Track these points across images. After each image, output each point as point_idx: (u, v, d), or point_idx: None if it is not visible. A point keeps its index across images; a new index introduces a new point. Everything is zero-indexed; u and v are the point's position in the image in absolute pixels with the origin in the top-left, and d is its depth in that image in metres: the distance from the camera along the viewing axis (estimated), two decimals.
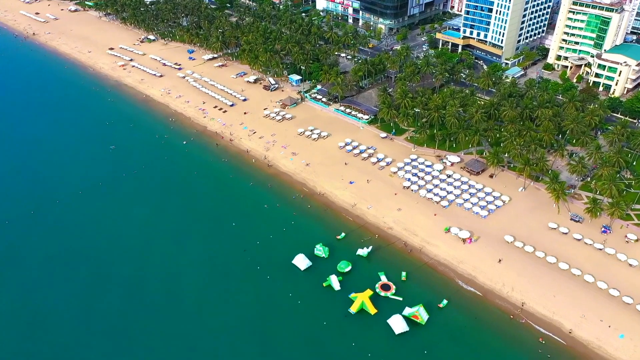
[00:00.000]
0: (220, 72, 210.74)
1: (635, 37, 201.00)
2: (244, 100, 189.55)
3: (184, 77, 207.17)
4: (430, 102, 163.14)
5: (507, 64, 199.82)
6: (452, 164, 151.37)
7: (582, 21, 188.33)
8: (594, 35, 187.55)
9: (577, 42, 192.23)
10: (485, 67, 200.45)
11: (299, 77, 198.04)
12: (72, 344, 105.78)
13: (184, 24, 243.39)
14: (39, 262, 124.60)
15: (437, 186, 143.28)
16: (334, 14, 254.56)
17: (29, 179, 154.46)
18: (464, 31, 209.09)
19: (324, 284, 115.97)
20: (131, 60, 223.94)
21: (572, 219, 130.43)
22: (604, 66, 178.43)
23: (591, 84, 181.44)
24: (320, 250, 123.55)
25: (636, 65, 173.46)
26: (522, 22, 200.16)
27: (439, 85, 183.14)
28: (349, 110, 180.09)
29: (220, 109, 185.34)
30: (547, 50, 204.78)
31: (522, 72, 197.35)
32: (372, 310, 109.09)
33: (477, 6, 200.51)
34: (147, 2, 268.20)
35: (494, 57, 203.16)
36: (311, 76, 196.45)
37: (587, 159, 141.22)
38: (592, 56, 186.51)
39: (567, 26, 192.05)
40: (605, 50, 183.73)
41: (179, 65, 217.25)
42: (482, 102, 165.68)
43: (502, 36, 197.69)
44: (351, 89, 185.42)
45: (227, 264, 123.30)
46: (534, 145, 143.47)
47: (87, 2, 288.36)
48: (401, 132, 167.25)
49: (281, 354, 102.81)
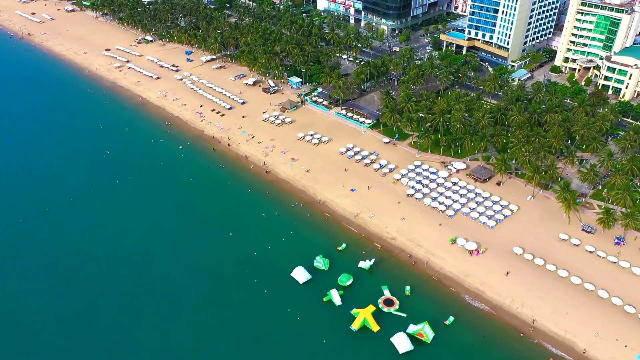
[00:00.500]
0: (218, 74, 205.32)
1: None
2: (243, 103, 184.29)
3: (182, 79, 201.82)
4: (434, 106, 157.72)
5: (513, 66, 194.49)
6: (458, 171, 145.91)
7: (590, 22, 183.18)
8: (603, 36, 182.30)
9: (585, 44, 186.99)
10: (490, 69, 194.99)
11: (299, 80, 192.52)
12: (66, 357, 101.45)
13: (182, 25, 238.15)
14: (28, 274, 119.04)
15: (442, 194, 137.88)
16: (336, 14, 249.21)
17: (18, 186, 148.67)
18: (469, 32, 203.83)
19: (325, 299, 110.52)
20: (127, 61, 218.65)
21: (583, 230, 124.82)
22: (614, 69, 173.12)
23: (600, 87, 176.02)
24: (320, 262, 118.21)
25: None
26: (529, 23, 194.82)
27: (443, 88, 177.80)
28: (350, 114, 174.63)
29: (218, 113, 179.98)
30: (554, 52, 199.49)
31: (529, 75, 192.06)
32: (374, 327, 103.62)
33: (482, 7, 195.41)
34: (145, 2, 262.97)
35: (500, 59, 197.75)
36: (312, 79, 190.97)
37: (599, 166, 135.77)
38: (601, 58, 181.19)
39: (575, 27, 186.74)
40: (614, 52, 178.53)
41: (177, 66, 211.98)
42: (489, 107, 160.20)
43: (508, 37, 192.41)
44: (353, 92, 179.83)
45: (223, 276, 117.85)
46: (543, 151, 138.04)
47: (84, 2, 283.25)
48: (405, 137, 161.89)
49: None
